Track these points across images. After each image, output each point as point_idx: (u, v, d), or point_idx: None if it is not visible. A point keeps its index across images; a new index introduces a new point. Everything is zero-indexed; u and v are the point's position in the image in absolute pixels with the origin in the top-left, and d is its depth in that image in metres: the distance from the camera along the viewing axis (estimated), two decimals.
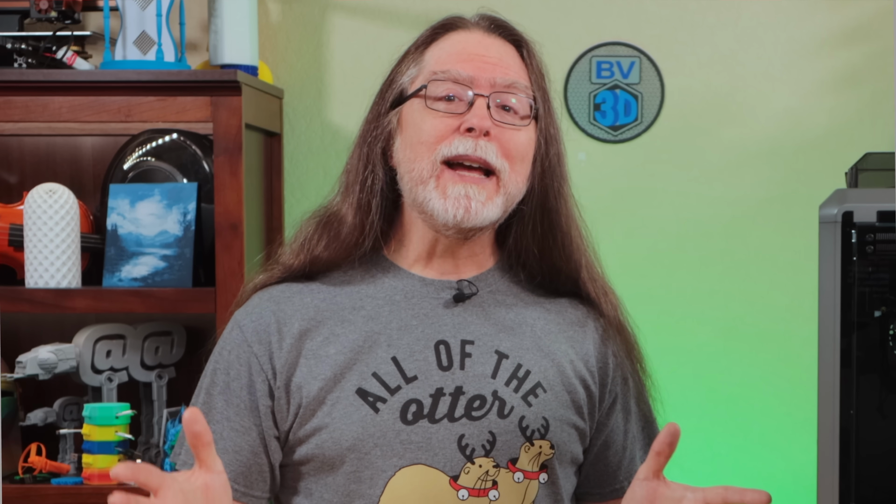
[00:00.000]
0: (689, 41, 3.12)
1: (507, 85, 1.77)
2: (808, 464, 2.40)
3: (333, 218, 1.82)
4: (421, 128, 1.76)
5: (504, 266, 1.85)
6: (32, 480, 2.80)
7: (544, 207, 1.81)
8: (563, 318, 1.84)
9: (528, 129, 1.79)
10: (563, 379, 1.80)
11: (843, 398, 2.18)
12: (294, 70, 3.16)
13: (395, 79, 1.82)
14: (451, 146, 1.74)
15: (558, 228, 1.82)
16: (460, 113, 1.75)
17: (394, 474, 1.73)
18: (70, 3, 2.98)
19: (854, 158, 2.61)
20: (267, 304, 1.80)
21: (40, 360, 2.77)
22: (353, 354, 1.75)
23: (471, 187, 1.74)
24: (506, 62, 1.79)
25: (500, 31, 1.82)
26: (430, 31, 1.83)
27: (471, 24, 1.83)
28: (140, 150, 2.96)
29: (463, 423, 1.74)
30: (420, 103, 1.77)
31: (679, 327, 3.11)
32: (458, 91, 1.76)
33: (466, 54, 1.78)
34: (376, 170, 1.80)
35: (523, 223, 1.81)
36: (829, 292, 2.19)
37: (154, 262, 2.83)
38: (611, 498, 1.88)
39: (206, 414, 1.76)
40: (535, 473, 1.77)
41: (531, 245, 1.82)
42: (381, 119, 1.81)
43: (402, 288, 1.80)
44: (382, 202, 1.80)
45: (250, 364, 1.77)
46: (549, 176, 1.81)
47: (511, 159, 1.76)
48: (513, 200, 1.78)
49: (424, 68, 1.79)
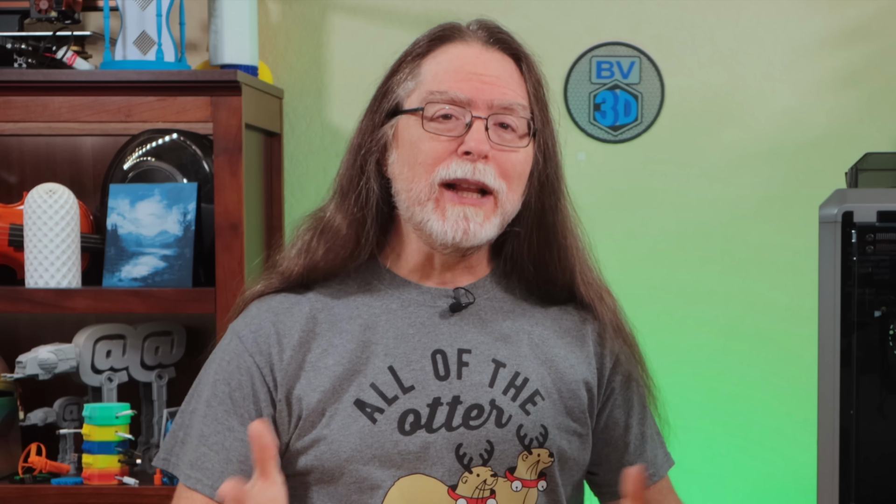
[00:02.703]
0: (689, 41, 3.12)
1: (505, 107, 1.76)
2: (808, 464, 2.40)
3: (329, 227, 1.80)
4: (418, 148, 1.75)
5: (500, 274, 1.84)
6: (32, 480, 2.79)
7: (541, 223, 1.80)
8: (560, 325, 1.84)
9: (526, 148, 1.78)
10: (561, 386, 1.79)
11: (843, 398, 2.18)
12: (294, 70, 3.16)
13: (390, 88, 1.80)
14: (448, 169, 1.73)
15: (554, 243, 1.81)
16: (458, 135, 1.74)
17: (393, 484, 1.72)
18: (70, 3, 2.98)
19: (854, 158, 2.61)
20: (266, 315, 1.79)
21: (40, 360, 2.77)
22: (351, 365, 1.74)
23: (469, 209, 1.74)
24: (504, 80, 1.77)
25: (498, 44, 1.80)
26: (427, 41, 1.80)
27: (469, 36, 1.80)
28: (140, 150, 2.96)
29: (461, 432, 1.73)
30: (417, 121, 1.75)
31: (679, 327, 3.11)
32: (456, 112, 1.74)
33: (464, 73, 1.76)
34: (371, 183, 1.78)
35: (519, 239, 1.81)
36: (829, 292, 2.19)
37: (154, 262, 2.83)
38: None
39: (208, 426, 1.75)
40: (534, 482, 1.76)
41: (527, 260, 1.82)
42: (375, 130, 1.79)
43: (399, 296, 1.79)
44: (377, 214, 1.79)
45: (252, 374, 1.76)
46: (546, 193, 1.80)
47: (508, 179, 1.75)
48: (508, 218, 1.78)
49: (421, 84, 1.77)
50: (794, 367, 3.07)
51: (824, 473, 2.19)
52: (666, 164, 3.13)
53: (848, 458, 2.18)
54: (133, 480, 2.74)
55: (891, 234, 2.18)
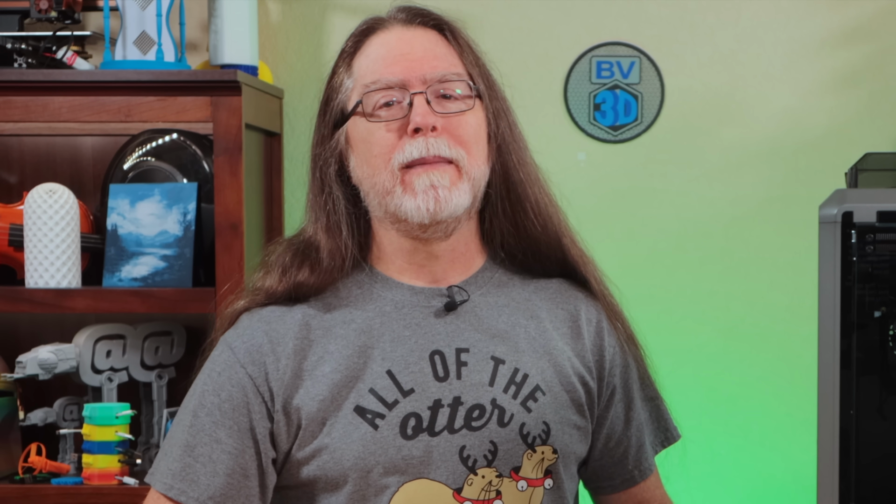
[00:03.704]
0: (689, 41, 3.12)
1: (439, 79, 1.75)
2: (808, 464, 2.40)
3: (310, 245, 1.79)
4: (370, 142, 1.75)
5: (491, 264, 1.84)
6: (32, 480, 2.79)
7: (508, 182, 1.79)
8: (556, 315, 1.83)
9: (475, 111, 1.77)
10: (561, 378, 1.79)
11: (843, 398, 2.18)
12: (294, 70, 3.16)
13: (330, 96, 1.80)
14: (404, 152, 1.73)
15: (526, 199, 1.80)
16: (403, 117, 1.74)
17: (397, 490, 1.71)
18: (70, 3, 2.98)
19: (854, 158, 2.61)
20: (258, 325, 1.77)
21: (40, 360, 2.77)
22: (349, 371, 1.73)
23: (433, 174, 1.72)
24: (432, 53, 1.77)
25: (418, 19, 1.79)
26: (352, 41, 1.81)
27: (388, 22, 1.80)
28: (140, 150, 2.96)
29: (463, 434, 1.72)
30: (362, 118, 1.75)
31: (679, 327, 3.11)
32: (395, 95, 1.74)
33: (391, 57, 1.76)
34: (334, 191, 1.78)
35: (493, 204, 1.80)
36: (829, 292, 2.19)
37: (154, 262, 2.83)
38: (622, 489, 1.88)
39: (194, 436, 1.73)
40: (540, 480, 1.75)
41: (504, 223, 1.81)
42: (326, 141, 1.79)
43: (392, 298, 1.78)
44: (350, 220, 1.78)
45: (244, 386, 1.73)
46: (505, 150, 1.79)
47: (465, 145, 1.74)
48: (479, 184, 1.77)
49: (357, 81, 1.77)
50: (794, 367, 3.07)
51: (824, 473, 2.19)
52: (666, 164, 3.13)
53: (848, 459, 2.18)
54: (133, 480, 2.74)
55: (891, 234, 2.18)
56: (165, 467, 1.73)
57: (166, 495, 1.72)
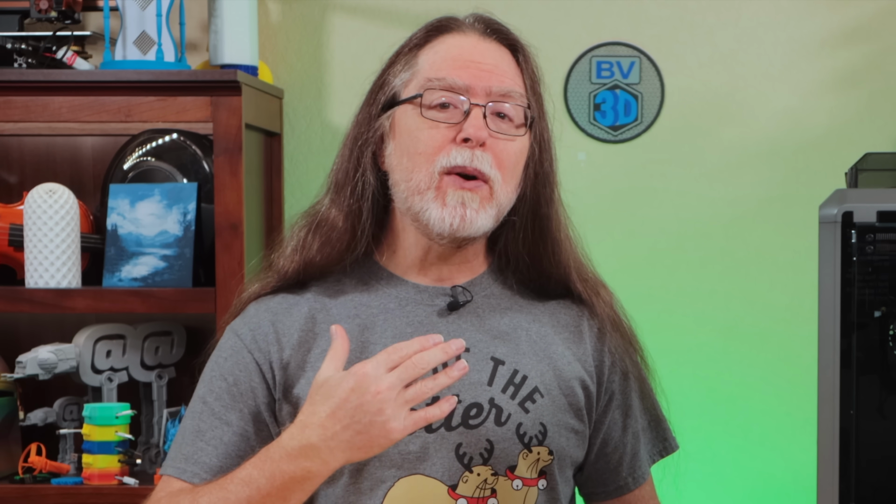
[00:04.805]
0: (689, 41, 3.12)
1: (503, 94, 1.76)
2: (808, 464, 2.40)
3: (324, 222, 1.80)
4: (417, 137, 1.75)
5: (495, 270, 1.84)
6: (32, 480, 2.79)
7: (536, 214, 1.80)
8: (558, 320, 1.84)
9: (523, 138, 1.78)
10: (560, 382, 1.79)
11: (843, 398, 2.18)
12: (294, 70, 3.16)
13: (387, 80, 1.80)
14: (449, 157, 1.73)
15: (549, 235, 1.81)
16: (456, 123, 1.74)
17: (393, 485, 1.72)
18: (70, 3, 2.98)
19: (854, 158, 2.60)
20: (264, 315, 1.79)
21: (40, 360, 2.77)
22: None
23: (466, 193, 1.73)
24: (501, 69, 1.77)
25: (495, 35, 1.80)
26: (423, 33, 1.80)
27: (465, 27, 1.80)
28: (140, 150, 2.96)
29: (460, 431, 1.73)
30: (415, 110, 1.75)
31: (679, 327, 3.11)
32: (454, 99, 1.74)
33: (462, 61, 1.76)
34: (367, 175, 1.78)
35: (514, 230, 1.81)
36: (829, 292, 2.19)
37: (154, 262, 2.83)
38: (616, 496, 1.89)
39: (204, 420, 1.75)
40: (534, 480, 1.76)
41: (522, 252, 1.82)
42: (372, 122, 1.79)
43: (396, 295, 1.79)
44: (373, 207, 1.79)
45: (250, 370, 1.76)
46: (541, 183, 1.80)
47: (503, 170, 1.75)
48: (503, 210, 1.77)
49: (419, 73, 1.77)
50: (794, 367, 3.07)
51: (824, 473, 2.19)
52: (666, 164, 3.13)
53: (848, 459, 2.18)
54: (133, 480, 2.74)
55: (891, 234, 2.18)
56: (177, 452, 1.76)
57: (179, 478, 1.74)
